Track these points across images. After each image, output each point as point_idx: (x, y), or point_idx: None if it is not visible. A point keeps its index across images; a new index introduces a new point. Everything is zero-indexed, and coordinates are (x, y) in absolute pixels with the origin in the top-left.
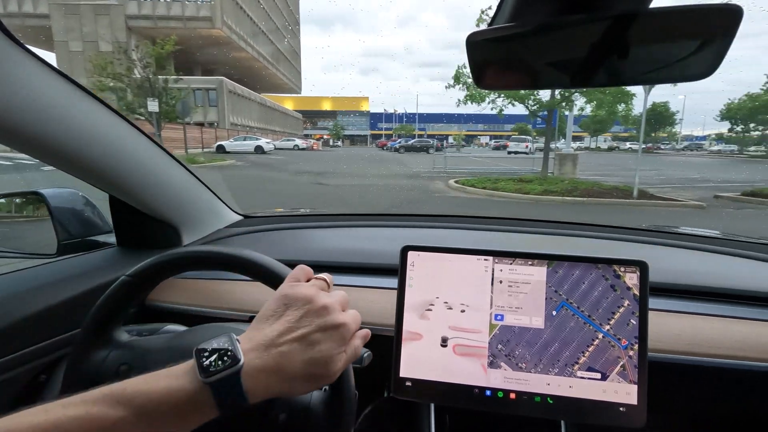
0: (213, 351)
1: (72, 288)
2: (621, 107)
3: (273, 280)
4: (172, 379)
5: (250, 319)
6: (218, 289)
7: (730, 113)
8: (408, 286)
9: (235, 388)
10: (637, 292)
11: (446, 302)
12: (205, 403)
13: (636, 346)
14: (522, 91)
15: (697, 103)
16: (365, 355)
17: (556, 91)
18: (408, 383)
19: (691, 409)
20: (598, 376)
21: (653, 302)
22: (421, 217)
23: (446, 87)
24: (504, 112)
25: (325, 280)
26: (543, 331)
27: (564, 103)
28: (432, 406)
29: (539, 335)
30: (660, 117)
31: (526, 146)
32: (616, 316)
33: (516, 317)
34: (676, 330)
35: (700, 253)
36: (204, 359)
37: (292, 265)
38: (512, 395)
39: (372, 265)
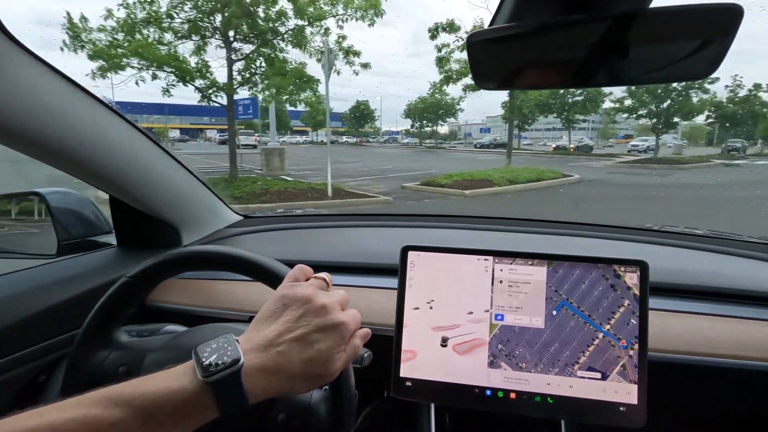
0: (213, 351)
1: (72, 288)
2: (305, 94)
3: (272, 279)
4: (171, 379)
5: (250, 320)
6: (218, 289)
7: (410, 112)
8: (408, 286)
9: (236, 388)
10: (637, 292)
11: (446, 302)
12: (205, 403)
13: (636, 346)
14: (192, 69)
15: (392, 104)
16: (365, 355)
17: (234, 73)
18: (408, 383)
19: (691, 409)
20: (599, 375)
21: (653, 302)
22: (422, 217)
23: (61, 49)
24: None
25: (324, 280)
26: (543, 331)
27: (248, 88)
28: (432, 406)
29: (539, 335)
30: (363, 114)
31: (255, 139)
32: (616, 316)
33: (516, 317)
34: (676, 330)
35: (700, 253)
36: (204, 359)
37: (291, 265)
38: (512, 395)
39: (372, 265)
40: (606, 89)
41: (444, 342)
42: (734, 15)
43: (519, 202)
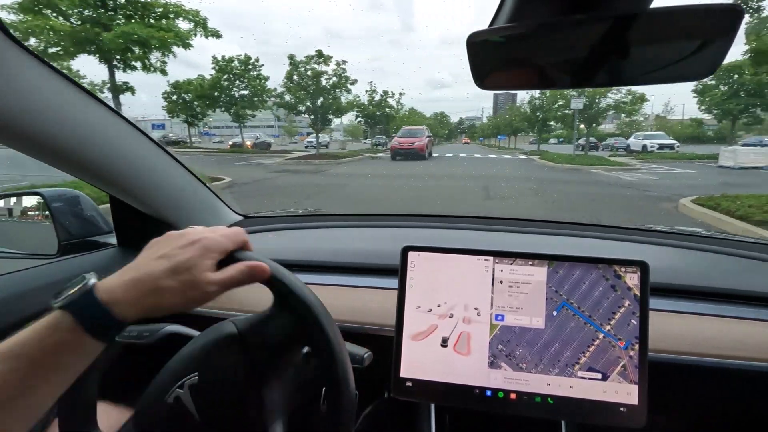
0: (69, 286)
1: None
2: None
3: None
4: (36, 324)
5: None
6: None
7: None
8: (408, 287)
9: (93, 307)
10: (637, 293)
11: (446, 302)
12: (68, 329)
13: (636, 346)
14: None
15: None
16: (365, 355)
17: None
18: (408, 383)
19: (692, 409)
20: (599, 376)
21: (654, 302)
22: (422, 217)
23: None
24: None
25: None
26: (543, 332)
27: None
28: (432, 406)
29: (540, 335)
30: None
31: None
32: (616, 317)
33: (516, 317)
34: (676, 330)
35: (700, 253)
36: (59, 294)
37: (291, 265)
38: (513, 395)
39: (372, 266)
40: (269, 84)
41: (444, 342)
42: (734, 16)
43: None
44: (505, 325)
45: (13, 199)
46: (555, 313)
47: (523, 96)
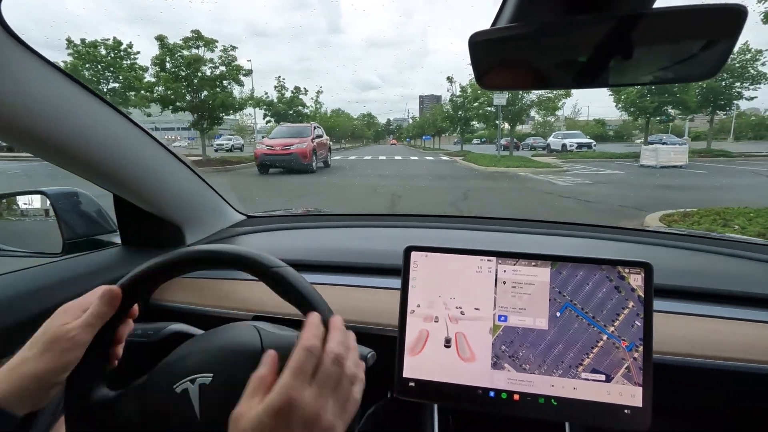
0: None
1: (77, 287)
2: None
3: (258, 270)
4: None
5: (254, 318)
6: (222, 288)
7: None
8: (411, 287)
9: None
10: (641, 294)
11: (449, 303)
12: None
13: (641, 348)
14: None
15: None
16: (369, 355)
17: None
18: (411, 384)
19: (698, 413)
20: (603, 377)
21: (658, 304)
22: (425, 217)
23: None
24: None
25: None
26: (547, 333)
27: None
28: (435, 407)
29: (543, 336)
30: None
31: None
32: (620, 318)
33: (520, 318)
34: (681, 332)
35: (705, 255)
36: None
37: (293, 264)
38: (516, 396)
39: (375, 266)
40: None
41: (447, 343)
42: (738, 15)
43: None
44: (508, 325)
45: (18, 198)
46: (558, 314)
47: (447, 95)
